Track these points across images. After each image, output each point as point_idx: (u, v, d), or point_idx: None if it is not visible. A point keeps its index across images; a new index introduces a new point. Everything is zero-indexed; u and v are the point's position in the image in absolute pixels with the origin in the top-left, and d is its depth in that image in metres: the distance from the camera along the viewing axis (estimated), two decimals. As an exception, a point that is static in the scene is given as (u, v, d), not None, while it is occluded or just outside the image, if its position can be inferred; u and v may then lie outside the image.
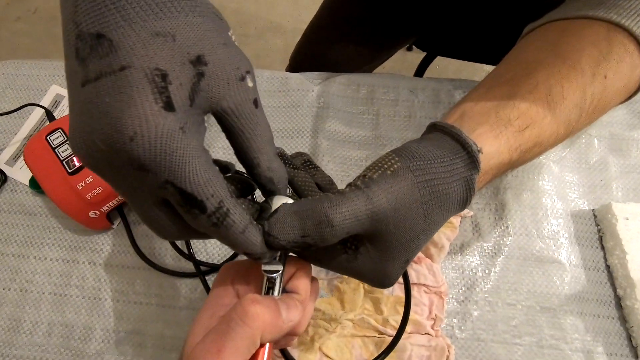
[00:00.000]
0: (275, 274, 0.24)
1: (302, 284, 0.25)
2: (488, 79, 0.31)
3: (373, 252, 0.23)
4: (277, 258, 0.24)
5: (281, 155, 0.26)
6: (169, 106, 0.18)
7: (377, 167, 0.23)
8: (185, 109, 0.19)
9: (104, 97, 0.17)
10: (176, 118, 0.18)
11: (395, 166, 0.23)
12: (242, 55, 0.21)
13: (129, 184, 0.19)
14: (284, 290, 0.25)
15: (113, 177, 0.19)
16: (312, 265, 0.38)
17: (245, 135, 0.21)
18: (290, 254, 0.26)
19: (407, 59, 1.33)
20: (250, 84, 0.21)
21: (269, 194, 0.23)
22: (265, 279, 0.24)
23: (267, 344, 0.22)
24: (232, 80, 0.20)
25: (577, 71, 0.28)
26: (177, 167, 0.18)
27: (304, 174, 0.26)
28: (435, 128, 0.27)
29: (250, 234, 0.21)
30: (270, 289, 0.24)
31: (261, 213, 0.23)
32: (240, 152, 0.22)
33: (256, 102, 0.21)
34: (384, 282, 0.25)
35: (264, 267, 0.24)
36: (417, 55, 0.82)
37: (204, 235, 0.22)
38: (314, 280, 0.27)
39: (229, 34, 0.21)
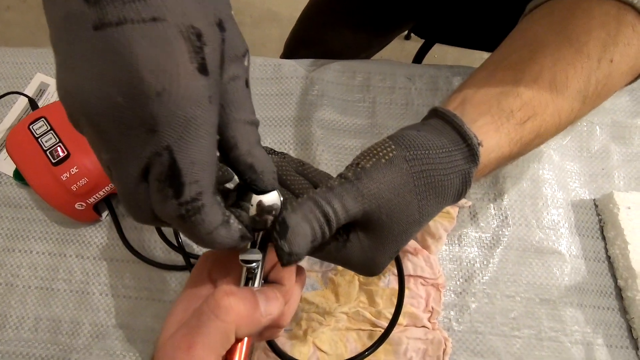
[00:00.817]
0: (254, 264, 0.22)
1: (286, 273, 0.23)
2: (491, 60, 0.29)
3: (364, 240, 0.23)
4: (257, 246, 0.23)
5: None
6: (203, 69, 0.16)
7: (372, 154, 0.23)
8: (215, 77, 0.17)
9: (131, 44, 0.15)
10: (207, 84, 0.17)
11: (390, 154, 0.22)
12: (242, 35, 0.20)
13: (126, 145, 0.17)
14: (267, 281, 0.23)
15: (112, 136, 0.17)
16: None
17: (226, 110, 0.19)
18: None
19: (405, 48, 1.31)
20: (246, 63, 0.20)
21: (250, 186, 0.21)
22: (245, 269, 0.23)
23: (245, 339, 0.21)
24: (238, 53, 0.19)
25: (583, 56, 0.27)
26: (187, 136, 0.17)
27: (277, 158, 0.25)
28: (436, 114, 0.26)
29: (217, 236, 0.19)
30: (249, 279, 0.22)
31: (238, 199, 0.22)
32: (218, 130, 0.20)
33: (247, 82, 0.20)
34: (372, 270, 0.24)
35: (242, 257, 0.22)
36: (415, 45, 0.80)
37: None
38: (300, 269, 0.26)
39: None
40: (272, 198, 0.21)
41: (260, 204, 0.21)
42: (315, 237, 0.21)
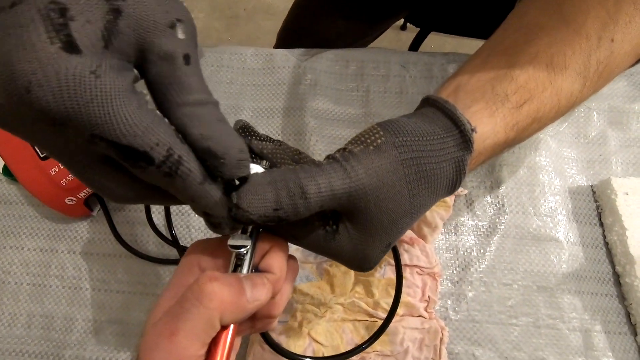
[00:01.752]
0: (242, 249, 0.21)
1: (276, 262, 0.22)
2: (485, 47, 0.28)
3: (353, 232, 0.22)
4: (248, 233, 0.22)
5: (245, 127, 0.24)
6: (70, 47, 0.15)
7: (360, 140, 0.22)
8: (96, 51, 0.16)
9: None
10: (84, 61, 0.15)
11: (379, 141, 0.21)
12: (177, 2, 0.18)
13: (54, 143, 0.16)
14: (257, 270, 0.23)
15: (32, 136, 0.16)
16: (299, 248, 0.37)
17: (166, 96, 0.17)
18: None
19: (400, 38, 1.30)
20: (182, 36, 0.18)
21: (214, 173, 0.19)
22: (233, 256, 0.22)
23: (232, 327, 0.20)
24: (159, 25, 0.17)
25: (582, 36, 0.26)
26: (99, 117, 0.15)
27: (272, 145, 0.24)
28: (428, 102, 0.26)
29: (209, 187, 0.18)
30: (238, 267, 0.22)
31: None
32: (165, 115, 0.18)
33: (187, 58, 0.18)
34: (362, 265, 0.23)
35: (230, 242, 0.21)
36: (411, 35, 0.79)
37: (158, 197, 0.19)
38: (291, 258, 0.25)
39: None
40: None
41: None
42: (279, 206, 0.19)
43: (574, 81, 0.26)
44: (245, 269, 0.22)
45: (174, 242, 0.38)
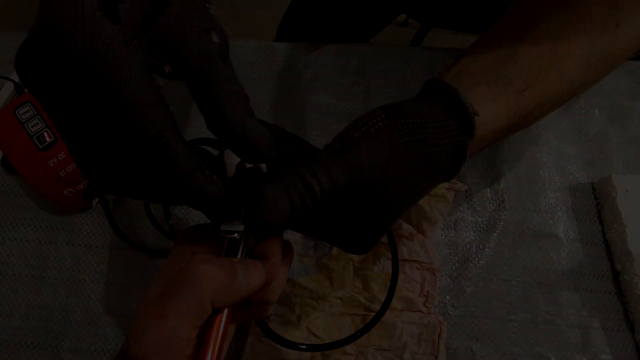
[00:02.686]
0: (235, 234, 0.21)
1: (272, 247, 0.22)
2: (489, 32, 0.28)
3: (350, 214, 0.22)
4: (240, 218, 0.22)
5: None
6: (113, 16, 0.17)
7: (361, 124, 0.22)
8: (132, 29, 0.17)
9: None
10: (119, 31, 0.17)
11: (380, 124, 0.21)
12: (214, 17, 0.20)
13: (69, 95, 0.18)
14: (252, 255, 0.22)
15: (53, 87, 0.18)
16: (299, 241, 0.37)
17: (207, 85, 0.19)
18: None
19: (402, 34, 1.30)
20: (217, 40, 0.19)
21: (248, 158, 0.20)
22: (227, 241, 0.22)
23: (225, 311, 0.20)
24: (195, 30, 0.18)
25: (585, 20, 0.26)
26: (111, 78, 0.17)
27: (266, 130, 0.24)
28: (431, 85, 0.25)
29: (199, 179, 0.19)
30: (232, 252, 0.22)
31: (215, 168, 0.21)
32: (204, 104, 0.19)
33: (224, 57, 0.19)
34: (359, 247, 0.23)
35: (223, 227, 0.21)
36: (413, 31, 0.79)
37: (151, 187, 0.19)
38: (287, 244, 0.25)
39: (207, 4, 0.20)
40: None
41: (240, 166, 0.20)
42: (295, 210, 0.20)
43: (578, 66, 0.26)
44: (238, 255, 0.21)
45: (171, 234, 0.38)
